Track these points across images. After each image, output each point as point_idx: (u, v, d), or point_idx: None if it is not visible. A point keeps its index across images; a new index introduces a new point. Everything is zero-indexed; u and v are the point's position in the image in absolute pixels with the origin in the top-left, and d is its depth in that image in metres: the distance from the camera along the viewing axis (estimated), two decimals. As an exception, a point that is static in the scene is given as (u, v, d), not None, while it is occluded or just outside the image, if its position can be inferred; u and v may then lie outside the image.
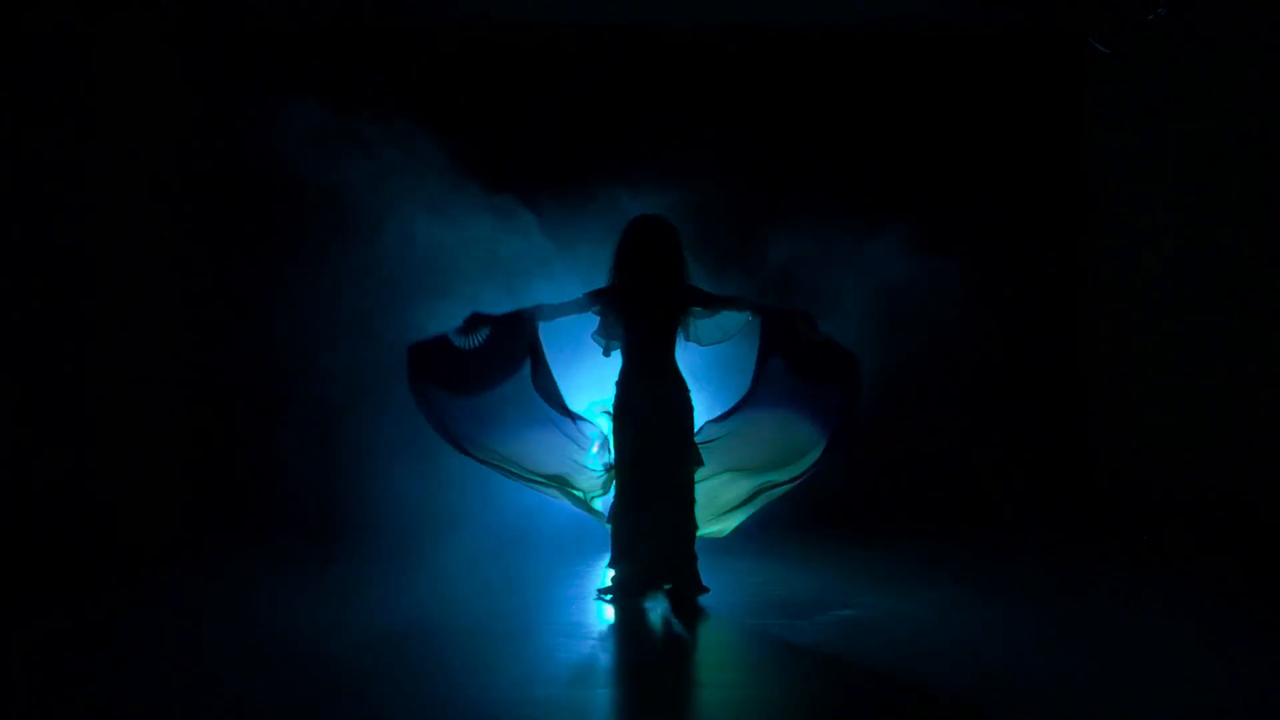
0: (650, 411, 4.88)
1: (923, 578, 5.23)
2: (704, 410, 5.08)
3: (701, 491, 5.01)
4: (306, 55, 6.76)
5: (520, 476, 5.01)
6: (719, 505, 5.12)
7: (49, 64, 5.52)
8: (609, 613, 4.74)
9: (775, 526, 6.24)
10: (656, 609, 4.76)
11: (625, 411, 4.93)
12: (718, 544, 5.38)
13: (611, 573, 4.97)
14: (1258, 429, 5.81)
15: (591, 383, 5.32)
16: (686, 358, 5.12)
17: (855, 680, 3.77)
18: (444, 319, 5.23)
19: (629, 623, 4.62)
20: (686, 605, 4.78)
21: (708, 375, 5.39)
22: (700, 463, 4.96)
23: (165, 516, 6.25)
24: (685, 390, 4.98)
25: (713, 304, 5.01)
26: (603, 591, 4.98)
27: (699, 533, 5.00)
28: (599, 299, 4.98)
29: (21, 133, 5.40)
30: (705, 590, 4.89)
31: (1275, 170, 5.71)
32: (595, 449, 5.09)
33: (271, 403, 6.53)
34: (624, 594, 4.89)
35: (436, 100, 6.75)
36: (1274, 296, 5.73)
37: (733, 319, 5.08)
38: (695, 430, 4.99)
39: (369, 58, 6.81)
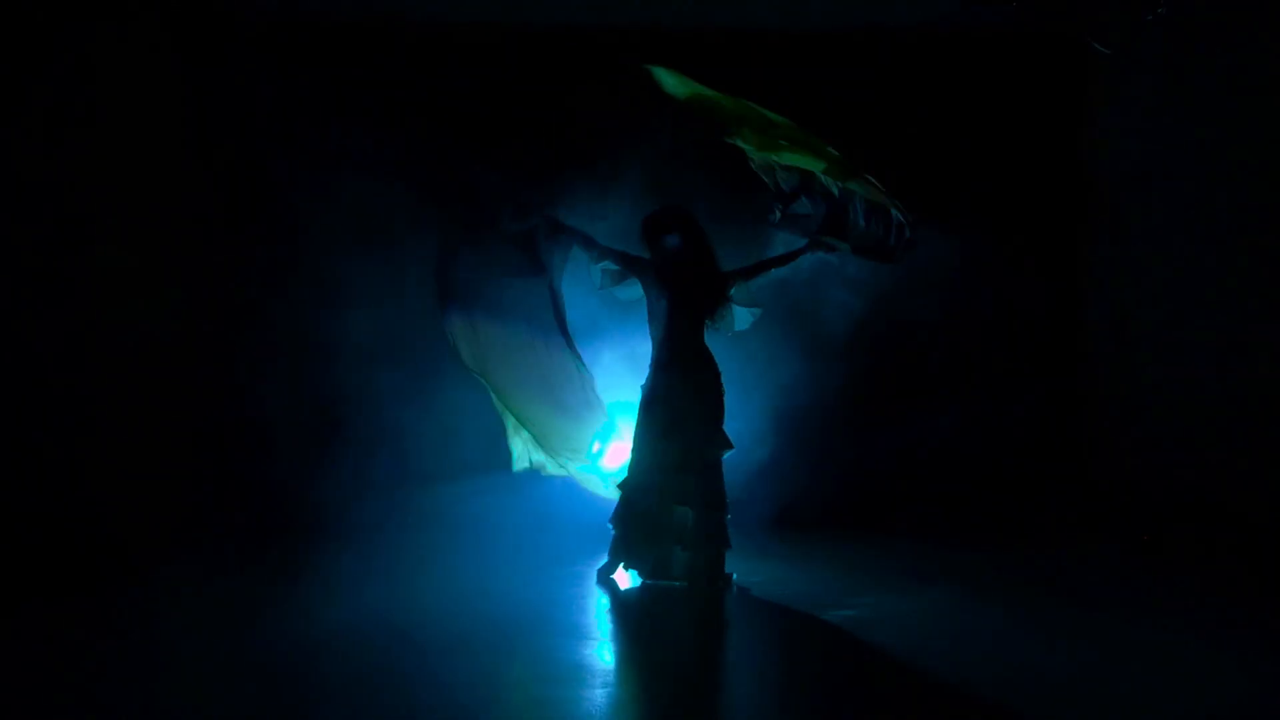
0: (683, 397, 5.03)
1: (923, 577, 5.22)
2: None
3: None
4: (314, 56, 6.74)
5: (506, 396, 5.08)
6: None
7: (57, 67, 5.52)
8: (608, 611, 4.74)
9: (775, 526, 6.26)
10: (658, 605, 4.77)
11: (655, 399, 5.06)
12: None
13: (613, 562, 5.13)
14: (1258, 428, 5.81)
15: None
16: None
17: (855, 680, 3.77)
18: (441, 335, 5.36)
19: (628, 623, 4.62)
20: (708, 597, 4.90)
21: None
22: (730, 446, 5.10)
23: (162, 518, 6.24)
24: (718, 374, 5.14)
25: (756, 272, 5.21)
26: (604, 571, 5.13)
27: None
28: (648, 270, 5.11)
29: (25, 132, 5.40)
30: (728, 580, 5.03)
31: (1275, 168, 5.71)
32: (594, 448, 5.17)
33: (270, 403, 6.54)
34: (637, 575, 5.06)
35: (448, 102, 6.72)
36: (1274, 295, 5.74)
37: (763, 291, 5.29)
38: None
39: (383, 59, 6.78)
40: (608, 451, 5.27)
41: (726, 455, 5.12)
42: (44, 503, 5.43)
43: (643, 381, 5.18)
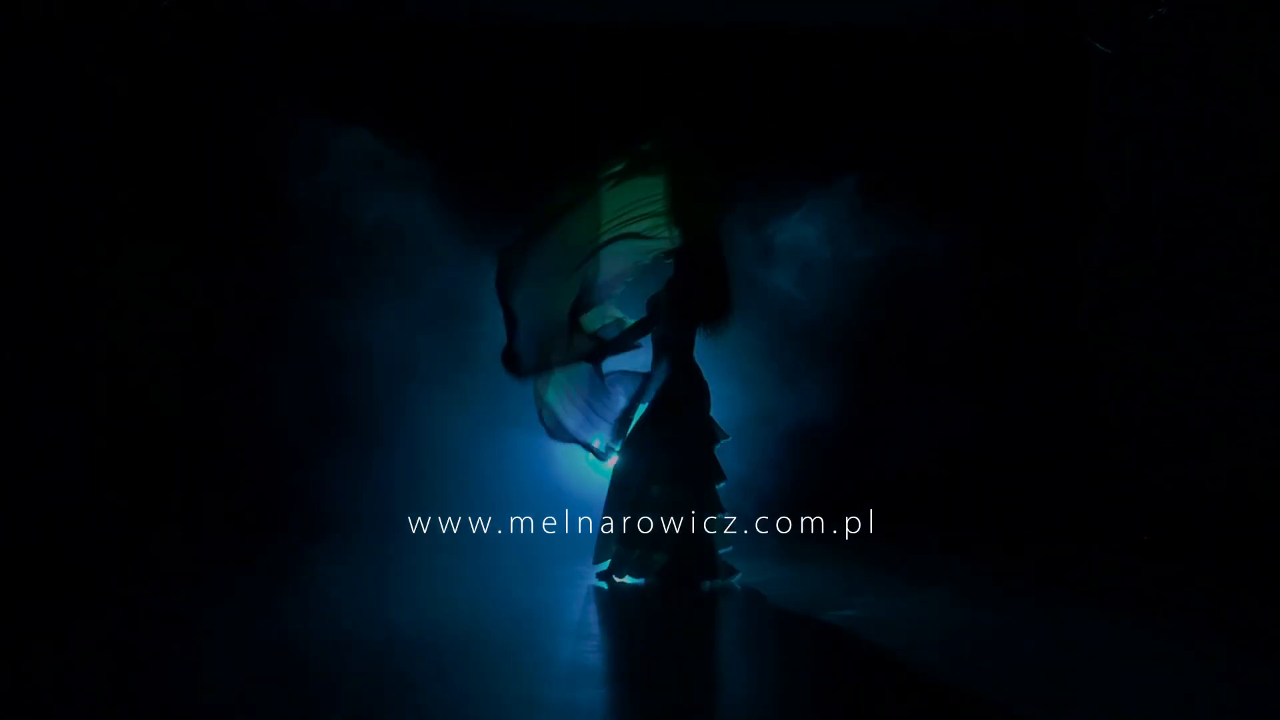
0: (691, 401, 5.17)
1: (923, 577, 5.23)
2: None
3: None
4: (318, 57, 6.72)
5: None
6: None
7: (60, 67, 5.52)
8: (607, 612, 4.74)
9: (775, 526, 6.26)
10: (657, 606, 4.77)
11: (667, 405, 5.17)
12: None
13: (613, 563, 5.13)
14: (1258, 428, 5.81)
15: None
16: None
17: (855, 680, 3.77)
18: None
19: (628, 623, 4.63)
20: (707, 597, 4.93)
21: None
22: (725, 434, 5.22)
23: (162, 518, 6.25)
24: (704, 382, 5.27)
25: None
26: (606, 575, 5.14)
27: None
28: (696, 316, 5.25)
29: (28, 134, 5.41)
30: (734, 572, 5.11)
31: (1274, 168, 5.72)
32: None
33: (272, 404, 6.54)
34: (637, 575, 5.10)
35: (454, 103, 6.71)
36: (1275, 294, 5.74)
37: None
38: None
39: (389, 60, 6.76)
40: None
41: (720, 448, 5.19)
42: (44, 503, 5.43)
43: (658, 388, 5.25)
